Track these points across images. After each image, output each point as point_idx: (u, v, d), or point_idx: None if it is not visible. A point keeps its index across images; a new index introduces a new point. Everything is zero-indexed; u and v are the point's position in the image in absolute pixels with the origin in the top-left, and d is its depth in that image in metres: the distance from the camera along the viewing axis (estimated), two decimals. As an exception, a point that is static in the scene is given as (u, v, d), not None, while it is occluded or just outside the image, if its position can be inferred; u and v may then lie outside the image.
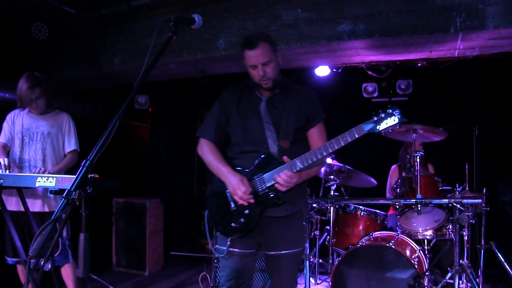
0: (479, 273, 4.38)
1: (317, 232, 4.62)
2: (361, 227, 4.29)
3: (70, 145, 3.90)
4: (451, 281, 3.75)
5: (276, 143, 2.52)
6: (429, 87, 5.89)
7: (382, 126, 2.27)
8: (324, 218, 4.52)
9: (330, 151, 2.34)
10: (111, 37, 5.37)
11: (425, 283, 3.70)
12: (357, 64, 5.31)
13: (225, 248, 2.58)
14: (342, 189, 4.73)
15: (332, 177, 4.38)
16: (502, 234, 5.16)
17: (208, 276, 4.67)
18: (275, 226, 2.55)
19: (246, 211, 2.50)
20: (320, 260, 4.77)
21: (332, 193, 4.35)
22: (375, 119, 2.28)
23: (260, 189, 2.48)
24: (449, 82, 5.76)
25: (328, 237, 4.44)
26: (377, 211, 4.36)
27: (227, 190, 2.53)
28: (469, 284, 3.84)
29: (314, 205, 4.12)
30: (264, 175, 2.47)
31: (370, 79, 5.75)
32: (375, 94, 5.76)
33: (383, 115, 2.27)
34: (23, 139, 3.76)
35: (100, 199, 3.75)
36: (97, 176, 2.73)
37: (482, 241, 4.40)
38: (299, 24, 4.48)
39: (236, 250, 2.58)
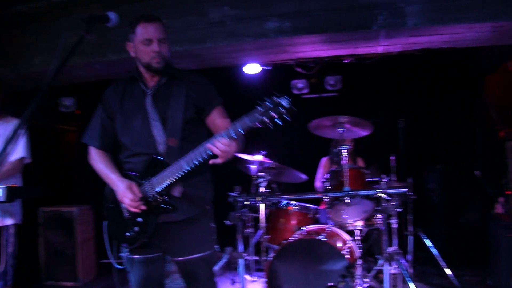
0: (409, 258, 4.60)
1: (250, 230, 4.64)
2: (293, 221, 4.32)
3: (14, 152, 3.59)
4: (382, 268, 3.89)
5: (164, 141, 2.37)
6: (357, 82, 6.05)
7: (269, 116, 2.01)
8: (257, 215, 4.53)
9: (218, 146, 2.13)
10: (31, 35, 5.07)
11: (358, 272, 3.82)
12: (285, 61, 5.34)
13: (125, 256, 2.45)
14: (275, 185, 4.77)
15: (262, 174, 4.40)
16: (429, 220, 5.45)
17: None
18: (176, 231, 2.40)
19: (139, 219, 2.35)
20: (257, 258, 4.78)
21: (262, 189, 4.36)
22: (260, 109, 2.04)
23: (150, 195, 2.33)
24: (376, 77, 5.95)
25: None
26: (309, 205, 4.41)
27: None
28: (399, 269, 4.00)
29: (246, 202, 4.12)
30: (153, 179, 2.32)
31: (299, 76, 5.81)
32: (305, 91, 5.85)
33: (269, 105, 2.02)
34: None
35: (25, 210, 3.58)
36: (15, 186, 2.60)
37: (410, 227, 4.63)
38: (226, 22, 4.45)
39: (137, 256, 2.45)
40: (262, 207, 4.24)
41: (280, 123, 2.01)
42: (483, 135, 6.22)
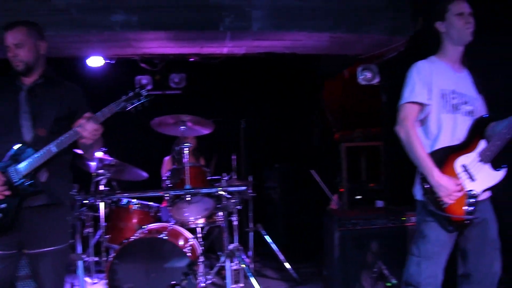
0: (250, 254, 4.80)
1: (89, 230, 4.43)
2: (135, 220, 4.27)
3: None
4: (224, 264, 4.00)
5: (31, 131, 2.50)
6: (201, 81, 6.13)
7: (131, 103, 2.53)
8: (96, 214, 4.36)
9: (87, 128, 2.42)
10: None
11: (201, 269, 3.88)
12: (130, 56, 5.25)
13: None
14: (115, 183, 4.63)
15: (102, 171, 4.26)
16: (269, 216, 5.75)
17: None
18: (36, 218, 2.49)
19: (3, 205, 2.42)
20: (97, 259, 4.59)
21: (101, 187, 4.23)
22: (124, 97, 2.52)
23: (16, 179, 2.42)
24: (220, 77, 6.12)
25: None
26: (150, 203, 4.38)
27: None
28: (240, 265, 4.16)
29: (85, 201, 3.95)
30: (18, 165, 2.43)
31: (144, 72, 5.76)
32: (149, 87, 5.77)
33: (131, 94, 2.53)
34: None
35: None
36: None
37: (250, 224, 4.84)
38: (71, 10, 4.19)
39: None
40: (102, 205, 4.11)
41: (139, 108, 2.54)
42: (320, 136, 6.79)
